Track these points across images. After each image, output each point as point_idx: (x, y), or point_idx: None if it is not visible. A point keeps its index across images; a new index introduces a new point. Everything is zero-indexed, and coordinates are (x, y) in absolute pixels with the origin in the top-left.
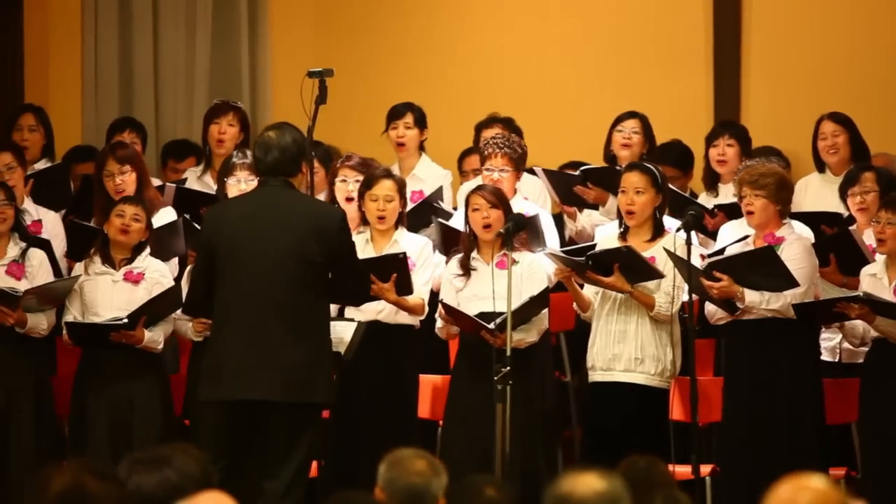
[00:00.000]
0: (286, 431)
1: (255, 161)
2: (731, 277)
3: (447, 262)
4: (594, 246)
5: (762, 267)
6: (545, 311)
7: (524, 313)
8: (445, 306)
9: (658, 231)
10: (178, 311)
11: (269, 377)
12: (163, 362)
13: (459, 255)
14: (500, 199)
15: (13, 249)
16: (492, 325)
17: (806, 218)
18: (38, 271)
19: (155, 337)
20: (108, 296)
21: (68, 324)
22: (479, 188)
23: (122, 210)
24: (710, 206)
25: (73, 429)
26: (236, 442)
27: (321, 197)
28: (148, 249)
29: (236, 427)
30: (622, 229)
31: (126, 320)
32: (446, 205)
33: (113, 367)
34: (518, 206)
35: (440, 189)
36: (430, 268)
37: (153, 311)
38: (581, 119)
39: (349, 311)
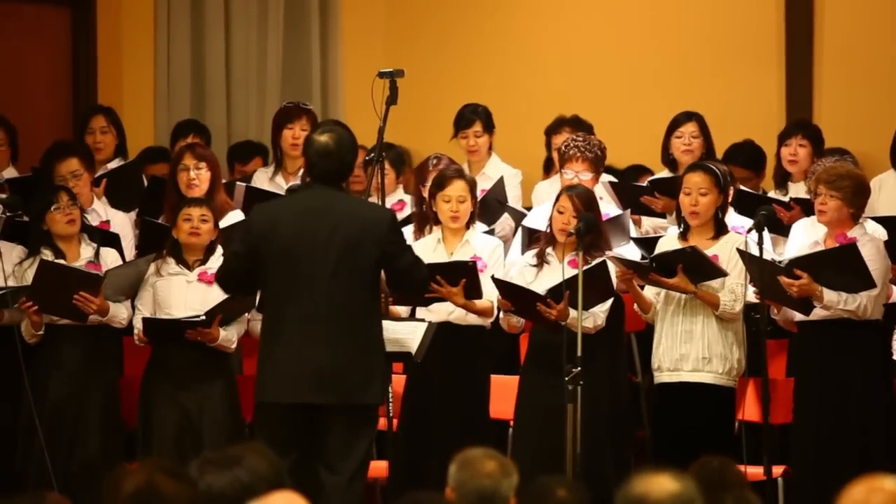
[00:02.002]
0: (343, 433)
1: (308, 165)
2: (811, 276)
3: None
4: (656, 240)
5: (843, 266)
6: (605, 306)
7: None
8: (497, 281)
9: (720, 230)
10: (253, 312)
11: (322, 380)
12: (232, 363)
13: (538, 248)
14: (586, 206)
15: (87, 250)
16: (543, 293)
17: (885, 221)
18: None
19: (229, 336)
20: (183, 296)
21: (145, 319)
22: (571, 189)
23: (188, 213)
24: (786, 200)
25: (141, 430)
26: (294, 442)
27: (394, 199)
28: (220, 249)
29: (292, 428)
30: (682, 229)
31: (204, 317)
32: (514, 202)
33: (182, 367)
34: (602, 209)
35: (500, 183)
36: (500, 269)
37: (228, 310)
38: (651, 119)
39: (420, 312)
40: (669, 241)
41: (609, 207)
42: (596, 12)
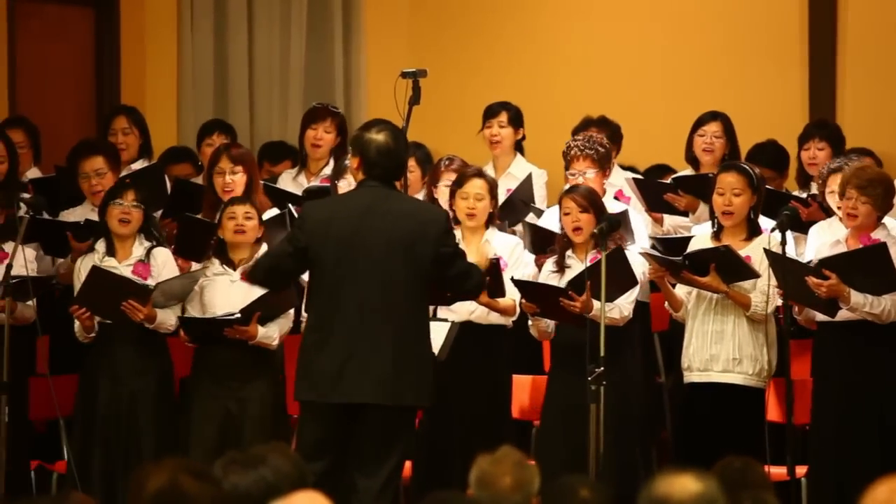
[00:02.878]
0: (382, 433)
1: (368, 164)
2: (839, 277)
3: (543, 261)
4: (689, 239)
5: (871, 267)
6: (630, 297)
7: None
8: (517, 282)
9: (753, 231)
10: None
11: (367, 380)
12: (276, 361)
13: (556, 255)
14: (590, 203)
15: (138, 249)
16: (563, 285)
17: None
18: (164, 270)
19: (270, 333)
20: (226, 296)
21: (182, 318)
22: (570, 191)
23: (232, 212)
24: (804, 196)
25: (183, 428)
26: (334, 442)
27: (418, 197)
28: (265, 247)
29: (334, 427)
30: (715, 229)
31: (238, 315)
32: (540, 203)
33: (223, 365)
34: (608, 205)
35: (528, 183)
36: (521, 267)
37: (268, 307)
38: (675, 119)
39: (442, 312)
40: (702, 240)
41: (612, 204)
42: (620, 12)
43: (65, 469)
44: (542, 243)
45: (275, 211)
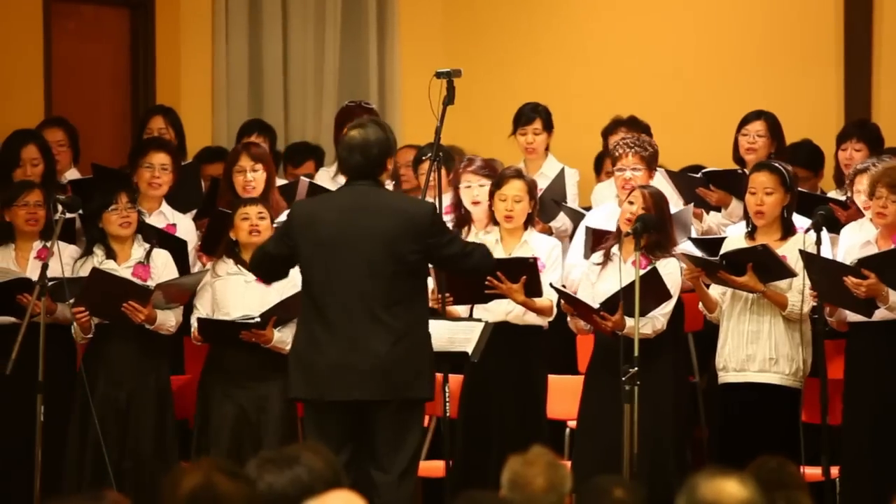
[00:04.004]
0: (392, 428)
1: (338, 160)
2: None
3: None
4: (722, 240)
5: None
6: (665, 309)
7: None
8: (557, 290)
9: (787, 230)
10: None
11: (363, 376)
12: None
13: (607, 246)
14: (654, 205)
15: (138, 251)
16: (596, 306)
17: None
18: (164, 271)
19: (283, 338)
20: (241, 296)
21: (200, 320)
22: (646, 186)
23: (246, 213)
24: (842, 199)
25: (199, 428)
26: (342, 438)
27: (446, 199)
28: None
29: (339, 424)
30: (749, 229)
31: (258, 319)
32: (571, 201)
33: (239, 367)
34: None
35: (560, 181)
36: (559, 269)
37: (284, 311)
38: (709, 119)
39: (477, 312)
40: (736, 240)
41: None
42: (654, 11)
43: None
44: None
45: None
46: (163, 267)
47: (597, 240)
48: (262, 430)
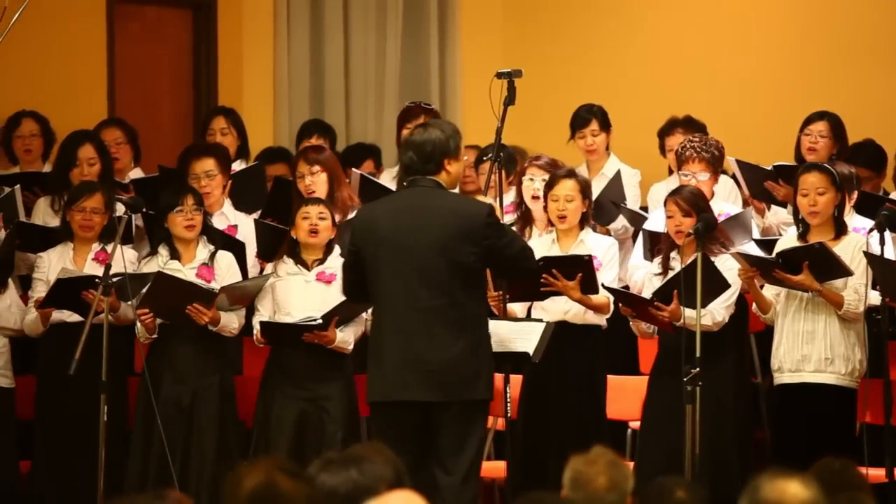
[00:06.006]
0: (454, 429)
1: (399, 161)
2: None
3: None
4: (775, 242)
5: None
6: (727, 301)
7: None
8: (612, 291)
9: (840, 230)
10: (369, 312)
11: (429, 378)
12: (348, 363)
13: (661, 255)
14: (693, 206)
15: (202, 253)
16: (650, 297)
17: None
18: (227, 273)
19: (346, 338)
20: (301, 296)
21: (262, 323)
22: (675, 193)
23: (306, 212)
24: None
25: (259, 429)
26: (407, 443)
27: (507, 199)
28: (338, 249)
29: (405, 428)
30: (801, 230)
31: (320, 321)
32: (632, 203)
33: (300, 367)
34: (717, 207)
35: (617, 182)
36: (615, 267)
37: (345, 312)
38: (771, 119)
39: (536, 312)
40: (789, 241)
41: (726, 206)
42: (715, 11)
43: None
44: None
45: None
46: (226, 269)
47: (654, 242)
48: (323, 431)
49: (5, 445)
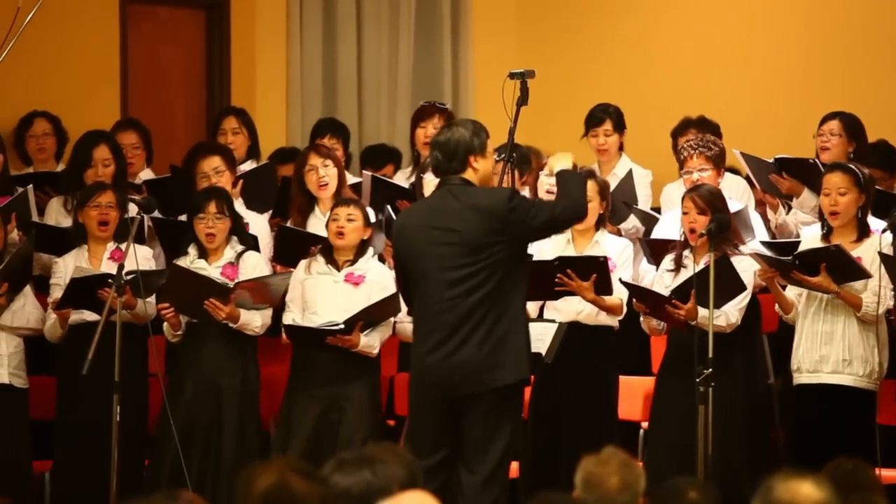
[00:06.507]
0: (482, 426)
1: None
2: None
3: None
4: (797, 244)
5: None
6: (740, 304)
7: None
8: (628, 285)
9: (863, 231)
10: (401, 314)
11: (459, 372)
12: (375, 364)
13: (675, 252)
14: (709, 204)
15: (229, 252)
16: (667, 293)
17: None
18: (253, 273)
19: (371, 342)
20: (328, 296)
21: (286, 326)
22: (692, 190)
23: (336, 214)
24: None
25: (282, 428)
26: (439, 440)
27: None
28: (371, 251)
29: (442, 424)
30: (825, 230)
31: (342, 326)
32: (643, 203)
33: (325, 368)
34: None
35: (628, 182)
36: (629, 268)
37: (370, 316)
38: (784, 120)
39: (549, 312)
40: (811, 242)
41: (730, 204)
42: (728, 11)
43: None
44: (662, 253)
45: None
46: (252, 269)
47: (655, 250)
48: (345, 431)
49: (19, 445)
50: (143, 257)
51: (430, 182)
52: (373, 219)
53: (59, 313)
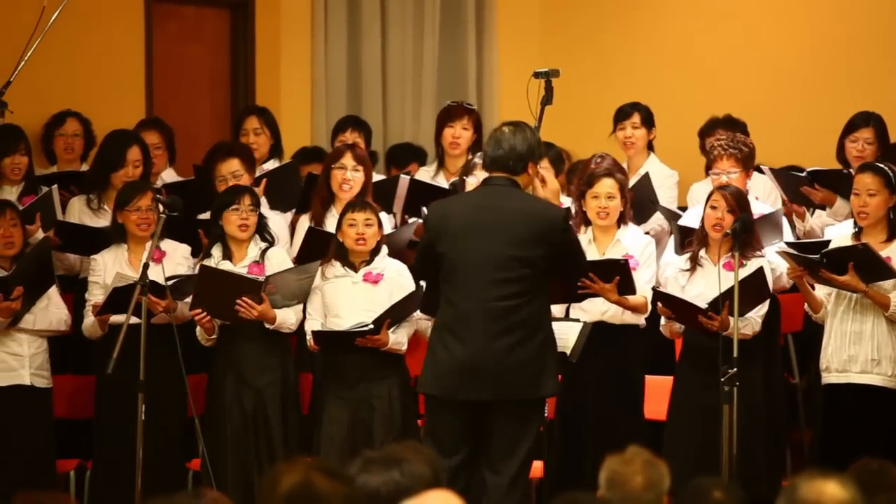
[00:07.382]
0: (507, 429)
1: (483, 155)
2: None
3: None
4: (827, 243)
5: None
6: (761, 311)
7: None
8: (658, 293)
9: (893, 232)
10: (418, 312)
11: (486, 377)
12: (403, 361)
13: (691, 251)
14: (738, 204)
15: (253, 250)
16: (704, 306)
17: None
18: (279, 269)
19: (399, 339)
20: (350, 298)
21: (314, 332)
22: (725, 187)
23: (353, 219)
24: None
25: (315, 433)
26: (464, 438)
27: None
28: (385, 249)
29: (462, 423)
30: (856, 230)
31: (371, 326)
32: (670, 203)
33: (354, 367)
34: (754, 207)
35: (646, 181)
36: (652, 266)
37: (396, 313)
38: (809, 119)
39: (574, 312)
40: (842, 241)
41: (760, 206)
42: (755, 10)
43: (199, 466)
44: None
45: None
46: (277, 266)
47: (685, 236)
48: (376, 431)
49: (42, 445)
50: (181, 255)
51: (472, 185)
52: (384, 221)
53: (100, 319)
